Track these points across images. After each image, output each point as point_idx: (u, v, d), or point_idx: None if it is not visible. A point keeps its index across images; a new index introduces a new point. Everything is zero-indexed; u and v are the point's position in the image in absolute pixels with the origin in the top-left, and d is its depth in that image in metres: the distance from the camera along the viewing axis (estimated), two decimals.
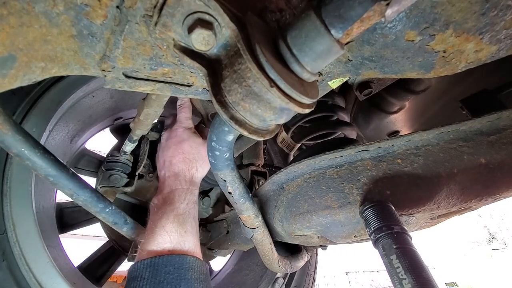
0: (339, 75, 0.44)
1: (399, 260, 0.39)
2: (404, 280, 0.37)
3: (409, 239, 0.42)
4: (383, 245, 0.42)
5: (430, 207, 0.50)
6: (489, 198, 0.51)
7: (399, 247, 0.40)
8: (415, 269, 0.38)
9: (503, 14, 0.29)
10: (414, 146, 0.50)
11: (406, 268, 0.38)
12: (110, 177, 0.71)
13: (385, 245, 0.41)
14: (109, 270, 1.17)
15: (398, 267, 0.38)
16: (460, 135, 0.48)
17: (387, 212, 0.46)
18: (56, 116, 0.79)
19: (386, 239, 0.42)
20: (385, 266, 0.41)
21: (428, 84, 0.85)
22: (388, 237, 0.42)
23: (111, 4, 0.28)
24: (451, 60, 0.35)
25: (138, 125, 0.59)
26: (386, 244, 0.41)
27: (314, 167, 0.57)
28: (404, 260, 0.39)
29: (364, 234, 0.60)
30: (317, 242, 0.70)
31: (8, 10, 0.24)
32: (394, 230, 0.42)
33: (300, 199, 0.59)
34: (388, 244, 0.41)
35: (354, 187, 0.52)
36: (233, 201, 0.55)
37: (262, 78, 0.27)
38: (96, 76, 0.40)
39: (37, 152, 0.39)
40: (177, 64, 0.36)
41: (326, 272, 4.22)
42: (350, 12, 0.24)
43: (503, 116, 0.47)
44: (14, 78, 0.28)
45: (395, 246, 0.40)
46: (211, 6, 0.27)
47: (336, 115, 0.90)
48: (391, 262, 0.40)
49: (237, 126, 0.31)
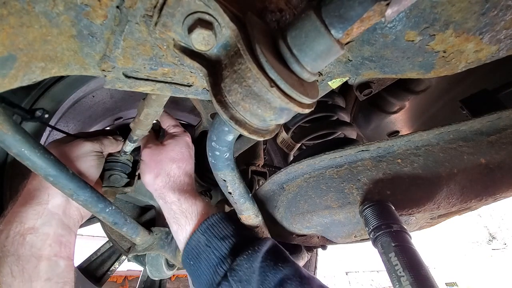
0: (339, 75, 0.44)
1: (397, 257, 0.39)
2: (402, 278, 0.37)
3: (408, 238, 0.42)
4: (382, 243, 0.42)
5: (430, 207, 0.50)
6: (489, 198, 0.51)
7: (397, 245, 0.40)
8: (414, 266, 0.37)
9: (503, 14, 0.29)
10: (414, 146, 0.50)
11: (404, 265, 0.38)
12: (110, 177, 0.71)
13: (384, 243, 0.41)
14: (109, 270, 1.17)
15: (397, 265, 0.38)
16: (460, 135, 0.48)
17: (386, 211, 0.46)
18: (56, 116, 0.80)
19: (385, 237, 0.42)
20: (384, 264, 0.41)
21: (428, 84, 0.85)
22: (387, 235, 0.42)
23: (111, 4, 0.28)
24: (451, 60, 0.35)
25: (138, 125, 0.59)
26: (385, 242, 0.42)
27: (314, 167, 0.57)
28: (402, 257, 0.39)
29: (364, 234, 0.60)
30: (317, 242, 0.70)
31: (8, 10, 0.24)
32: (393, 228, 0.42)
33: (300, 199, 0.59)
34: (387, 242, 0.41)
35: (354, 187, 0.52)
36: (233, 201, 0.55)
37: (262, 78, 0.27)
38: (96, 76, 0.40)
39: (37, 152, 0.39)
40: (177, 64, 0.36)
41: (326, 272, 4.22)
42: (350, 12, 0.24)
43: (503, 116, 0.47)
44: (14, 78, 0.28)
45: (393, 244, 0.40)
46: (211, 6, 0.27)
47: (336, 115, 0.90)
48: (389, 260, 0.40)
49: (237, 126, 0.31)
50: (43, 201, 0.51)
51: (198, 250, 0.52)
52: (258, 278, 0.46)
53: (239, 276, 0.46)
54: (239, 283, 0.46)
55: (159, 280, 1.33)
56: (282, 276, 0.46)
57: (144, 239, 0.72)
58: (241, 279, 0.46)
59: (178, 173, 0.61)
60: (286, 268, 0.48)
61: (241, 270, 0.47)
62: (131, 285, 2.90)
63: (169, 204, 0.59)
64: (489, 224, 4.87)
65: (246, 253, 0.49)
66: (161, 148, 0.64)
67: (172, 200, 0.58)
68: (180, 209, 0.57)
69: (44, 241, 0.49)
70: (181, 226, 0.57)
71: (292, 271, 0.47)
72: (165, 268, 0.77)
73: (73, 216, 0.56)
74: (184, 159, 0.63)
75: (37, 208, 0.50)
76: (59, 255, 0.51)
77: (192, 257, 0.53)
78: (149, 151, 0.64)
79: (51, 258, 0.49)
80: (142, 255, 0.81)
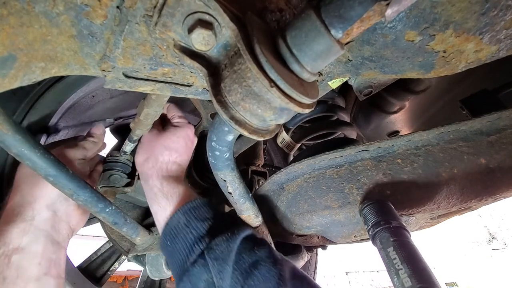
0: (339, 75, 0.44)
1: (396, 251, 0.39)
2: (400, 270, 0.37)
3: (407, 234, 0.42)
4: (381, 238, 0.42)
5: (430, 207, 0.50)
6: (489, 198, 0.51)
7: (396, 239, 0.40)
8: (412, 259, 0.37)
9: (503, 14, 0.29)
10: (414, 146, 0.50)
11: (402, 258, 0.38)
12: (110, 177, 0.71)
13: (383, 239, 0.42)
14: (109, 270, 1.17)
15: (395, 258, 0.38)
16: (460, 135, 0.48)
17: (385, 209, 0.46)
18: (56, 116, 0.79)
19: (383, 233, 0.42)
20: (382, 260, 0.41)
21: (428, 84, 0.85)
22: (386, 230, 0.42)
23: (111, 4, 0.28)
24: (451, 60, 0.35)
25: (138, 125, 0.59)
26: (383, 237, 0.42)
27: (314, 167, 0.57)
28: (401, 251, 0.39)
29: (364, 234, 0.60)
30: (317, 242, 0.70)
31: (8, 10, 0.24)
32: (392, 224, 0.42)
33: (300, 199, 0.59)
34: (386, 238, 0.41)
35: (354, 187, 0.52)
36: (233, 201, 0.55)
37: (262, 78, 0.27)
38: (96, 76, 0.40)
39: (37, 152, 0.39)
40: (177, 64, 0.36)
41: (326, 272, 4.22)
42: (350, 12, 0.24)
43: (503, 116, 0.47)
44: (14, 78, 0.28)
45: (392, 239, 0.41)
46: (211, 6, 0.27)
47: (336, 115, 0.90)
48: (388, 255, 0.40)
49: (237, 126, 0.31)
50: (27, 217, 0.49)
51: (177, 230, 0.52)
52: (233, 258, 0.46)
53: (216, 254, 0.47)
54: (215, 261, 0.46)
55: (159, 280, 1.33)
56: (257, 258, 0.47)
57: (144, 239, 0.72)
58: (217, 257, 0.46)
59: (167, 160, 0.62)
60: (261, 251, 0.48)
61: (219, 249, 0.47)
62: (131, 285, 2.90)
63: (151, 186, 0.59)
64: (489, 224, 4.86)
65: (225, 235, 0.49)
66: (159, 134, 0.65)
67: (154, 183, 0.59)
68: (162, 192, 0.58)
69: (31, 261, 0.47)
70: (161, 207, 0.56)
71: (267, 253, 0.48)
72: (165, 268, 0.77)
73: (62, 230, 0.54)
74: (178, 149, 0.64)
75: (22, 225, 0.48)
76: (49, 274, 0.49)
77: (170, 237, 0.52)
78: (148, 134, 0.65)
79: (40, 279, 0.47)
80: (142, 255, 0.81)
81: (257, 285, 0.43)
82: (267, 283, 0.43)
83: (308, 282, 0.46)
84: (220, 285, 0.44)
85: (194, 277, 0.46)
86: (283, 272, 0.45)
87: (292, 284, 0.44)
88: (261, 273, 0.44)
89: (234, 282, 0.44)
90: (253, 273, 0.44)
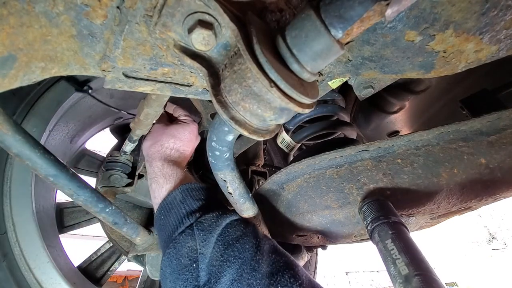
0: (339, 75, 0.44)
1: (394, 243, 0.39)
2: (397, 260, 0.37)
3: (406, 230, 0.42)
4: (379, 231, 0.42)
5: (430, 207, 0.50)
6: (489, 198, 0.51)
7: (394, 232, 0.40)
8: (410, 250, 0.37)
9: (503, 14, 0.29)
10: (414, 146, 0.50)
11: (400, 249, 0.38)
12: (110, 177, 0.71)
13: (381, 232, 0.42)
14: (109, 270, 1.17)
15: (393, 249, 0.38)
16: (460, 135, 0.48)
17: (385, 207, 0.46)
18: (56, 116, 0.80)
19: (382, 227, 0.42)
20: (379, 252, 0.41)
21: (428, 84, 0.85)
22: (384, 225, 0.42)
23: (111, 4, 0.28)
24: (451, 60, 0.35)
25: (138, 125, 0.59)
26: (382, 231, 0.42)
27: (314, 167, 0.57)
28: (398, 242, 0.39)
29: (364, 234, 0.60)
30: (317, 242, 0.70)
31: (8, 10, 0.24)
32: (391, 219, 0.43)
33: (300, 199, 0.59)
34: (384, 231, 0.41)
35: (354, 187, 0.52)
36: (233, 201, 0.55)
37: (262, 78, 0.27)
38: (96, 76, 0.40)
39: (37, 152, 0.39)
40: (177, 64, 0.36)
41: (326, 272, 4.22)
42: (350, 12, 0.24)
43: (503, 116, 0.47)
44: (14, 78, 0.28)
45: (390, 232, 0.41)
46: (211, 6, 0.27)
47: (336, 115, 0.90)
48: (385, 246, 0.40)
49: (237, 126, 0.31)
50: None
51: (172, 205, 0.55)
52: (219, 231, 0.50)
53: (203, 226, 0.50)
54: (201, 231, 0.49)
55: (159, 280, 1.33)
56: (241, 233, 0.50)
57: (144, 239, 0.72)
58: (204, 228, 0.50)
59: (171, 146, 0.66)
60: (246, 229, 0.52)
61: (207, 223, 0.51)
62: (131, 285, 2.90)
63: (153, 167, 0.63)
64: (489, 224, 4.86)
65: (216, 213, 0.53)
66: (167, 125, 0.70)
67: (156, 163, 0.63)
68: (162, 172, 0.61)
69: None
70: (159, 185, 0.60)
71: (250, 231, 0.51)
72: None
73: None
74: (183, 140, 0.68)
75: None
76: None
77: (164, 211, 0.55)
78: (157, 125, 0.70)
79: None
80: (142, 255, 0.81)
81: (236, 255, 0.46)
82: (245, 253, 0.46)
83: (286, 258, 0.48)
84: (202, 252, 0.47)
85: (179, 244, 0.49)
86: (262, 244, 0.48)
87: (269, 256, 0.47)
88: (241, 245, 0.48)
89: (215, 251, 0.47)
90: (234, 245, 0.48)
